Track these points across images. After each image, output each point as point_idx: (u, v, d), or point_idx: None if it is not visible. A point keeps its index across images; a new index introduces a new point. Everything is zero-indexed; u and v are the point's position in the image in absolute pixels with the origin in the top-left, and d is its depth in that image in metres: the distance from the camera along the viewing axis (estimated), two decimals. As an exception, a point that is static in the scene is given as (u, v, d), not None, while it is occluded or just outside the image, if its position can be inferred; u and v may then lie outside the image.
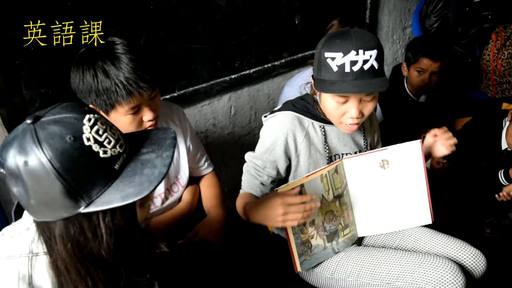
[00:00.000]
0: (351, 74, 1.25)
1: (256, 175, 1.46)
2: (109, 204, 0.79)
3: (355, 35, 1.27)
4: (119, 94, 1.19)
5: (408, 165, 1.47)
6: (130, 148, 0.88)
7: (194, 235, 1.47)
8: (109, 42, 1.23)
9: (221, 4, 1.99)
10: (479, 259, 1.49)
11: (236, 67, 2.16)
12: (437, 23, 2.91)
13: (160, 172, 0.83)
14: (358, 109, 1.32)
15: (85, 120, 0.80)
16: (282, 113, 1.44)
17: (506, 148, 2.24)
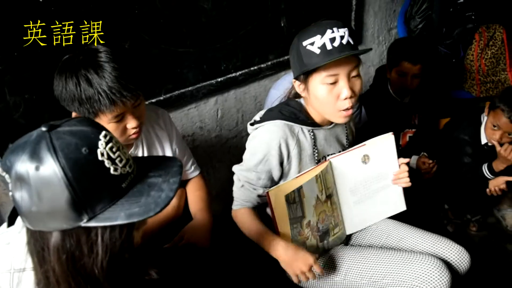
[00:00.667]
0: (334, 50, 1.29)
1: (251, 189, 1.48)
2: (112, 221, 0.80)
3: (324, 21, 1.34)
4: (102, 103, 1.19)
5: (384, 157, 1.52)
6: (138, 171, 0.89)
7: (180, 238, 1.47)
8: (93, 50, 1.22)
9: (206, 7, 1.99)
10: (463, 255, 1.52)
11: (222, 70, 2.16)
12: (421, 24, 2.94)
13: (167, 196, 0.84)
14: (349, 87, 1.34)
15: (101, 135, 0.82)
16: (272, 122, 1.44)
17: (486, 142, 2.27)
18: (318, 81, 1.35)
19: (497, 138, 2.16)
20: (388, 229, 1.63)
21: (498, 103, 2.14)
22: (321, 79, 1.34)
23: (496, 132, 2.17)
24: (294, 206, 1.38)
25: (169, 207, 1.54)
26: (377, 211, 1.61)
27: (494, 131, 2.18)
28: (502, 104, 2.11)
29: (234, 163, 2.39)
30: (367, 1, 2.88)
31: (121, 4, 1.72)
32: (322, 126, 1.50)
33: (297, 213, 1.40)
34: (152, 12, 1.82)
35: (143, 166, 0.91)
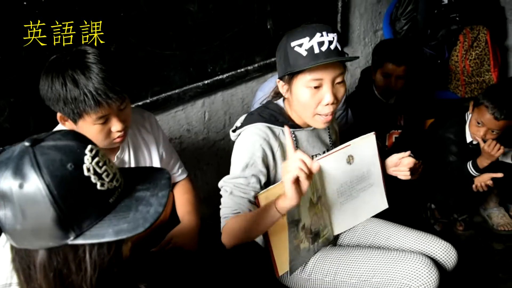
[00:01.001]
0: (321, 55, 1.29)
1: (242, 194, 1.39)
2: (100, 238, 0.77)
3: (315, 24, 1.34)
4: (87, 104, 1.18)
5: (367, 157, 1.54)
6: (125, 184, 0.86)
7: (167, 242, 1.46)
8: (81, 51, 1.22)
9: (193, 10, 1.99)
10: (450, 252, 1.54)
11: (209, 72, 2.16)
12: (406, 25, 2.97)
13: (156, 211, 0.82)
14: (333, 93, 1.34)
15: (87, 150, 0.79)
16: (253, 125, 1.44)
17: (471, 141, 2.30)
18: (302, 83, 1.35)
19: (481, 135, 2.17)
20: (376, 228, 1.65)
21: (482, 99, 2.16)
22: (305, 82, 1.34)
23: (480, 128, 2.19)
24: (292, 210, 1.38)
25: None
26: (362, 210, 1.62)
27: (478, 128, 2.20)
28: (486, 100, 2.13)
29: (222, 165, 2.41)
30: (353, 3, 2.90)
31: (107, 7, 1.71)
32: (303, 128, 1.50)
33: (294, 216, 1.39)
34: (138, 15, 1.81)
35: (131, 179, 0.88)
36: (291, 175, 1.11)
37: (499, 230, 2.54)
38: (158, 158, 1.52)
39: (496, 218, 2.57)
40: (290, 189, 1.13)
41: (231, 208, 1.39)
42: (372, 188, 1.60)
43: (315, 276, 1.52)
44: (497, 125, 2.13)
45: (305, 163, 1.11)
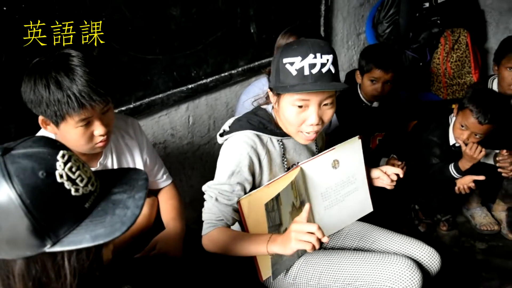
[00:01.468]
0: (310, 77, 1.28)
1: (226, 201, 1.40)
2: (77, 244, 0.76)
3: (311, 41, 1.32)
4: (70, 106, 1.17)
5: (352, 161, 1.54)
6: (101, 187, 0.85)
7: (152, 248, 1.45)
8: (65, 54, 1.21)
9: (175, 14, 1.98)
10: (433, 256, 1.55)
11: (193, 76, 2.15)
12: (389, 28, 3.00)
13: (133, 214, 0.81)
14: (318, 115, 1.34)
15: (58, 156, 0.78)
16: (241, 133, 1.43)
17: (454, 143, 2.32)
18: (288, 101, 1.34)
19: (464, 138, 2.19)
20: (361, 232, 1.66)
21: (467, 104, 2.16)
22: (292, 101, 1.33)
23: (464, 132, 2.20)
24: (273, 214, 1.37)
25: (140, 217, 1.51)
26: (347, 214, 1.63)
27: (462, 131, 2.21)
28: (471, 105, 2.13)
29: (207, 170, 2.40)
30: (335, 6, 2.93)
31: (88, 11, 1.69)
32: (290, 136, 1.50)
33: (275, 221, 1.39)
34: (121, 19, 1.80)
35: (107, 181, 0.87)
36: (300, 246, 1.19)
37: (481, 229, 2.57)
38: (142, 164, 1.51)
39: (479, 218, 2.61)
40: (292, 252, 1.23)
41: (215, 215, 1.39)
42: (357, 192, 1.61)
43: (299, 280, 1.52)
44: (481, 129, 2.13)
45: (318, 238, 1.17)
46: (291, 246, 1.21)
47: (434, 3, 3.13)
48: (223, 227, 1.39)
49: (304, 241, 1.18)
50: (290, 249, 1.22)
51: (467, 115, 2.16)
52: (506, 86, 2.37)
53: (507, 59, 2.33)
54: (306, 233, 1.18)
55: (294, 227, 1.21)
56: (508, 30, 3.21)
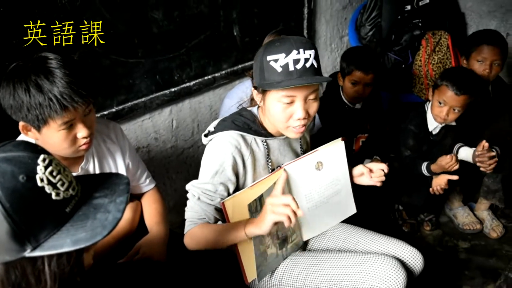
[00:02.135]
0: (295, 72, 1.30)
1: (209, 201, 1.40)
2: (58, 249, 0.76)
3: (293, 38, 1.34)
4: (52, 109, 1.16)
5: (336, 163, 1.55)
6: (82, 192, 0.85)
7: (135, 252, 1.44)
8: (42, 57, 1.20)
9: (157, 17, 1.98)
10: (416, 257, 1.57)
11: (176, 80, 2.15)
12: (371, 31, 3.02)
13: (114, 218, 0.81)
14: (304, 110, 1.35)
15: (39, 160, 0.78)
16: (225, 132, 1.43)
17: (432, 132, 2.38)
18: (274, 98, 1.35)
19: (444, 115, 2.25)
20: (345, 233, 1.67)
21: (441, 81, 2.26)
22: (278, 98, 1.34)
23: (442, 108, 2.26)
24: (256, 215, 1.38)
25: (123, 221, 1.51)
26: (331, 216, 1.64)
27: (440, 108, 2.27)
28: (445, 80, 2.23)
29: (191, 173, 2.39)
30: (318, 9, 2.94)
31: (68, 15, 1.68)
32: (275, 136, 1.51)
33: None
34: (101, 23, 1.78)
35: (88, 186, 0.87)
36: (275, 218, 1.21)
37: (464, 229, 2.61)
38: (124, 168, 1.50)
39: (461, 217, 2.64)
40: (268, 226, 1.23)
41: (197, 214, 1.41)
42: (341, 193, 1.61)
43: (285, 281, 1.52)
44: (458, 101, 2.21)
45: (293, 210, 1.19)
46: (266, 219, 1.23)
47: (416, 6, 3.16)
48: (203, 223, 1.41)
49: (280, 213, 1.20)
50: (267, 223, 1.23)
51: (443, 91, 2.24)
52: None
53: (477, 51, 2.40)
54: (282, 205, 1.20)
55: (270, 200, 1.24)
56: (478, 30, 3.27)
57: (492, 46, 2.35)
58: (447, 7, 3.29)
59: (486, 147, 2.23)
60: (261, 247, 1.43)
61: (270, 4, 2.49)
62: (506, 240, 2.54)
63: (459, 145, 2.42)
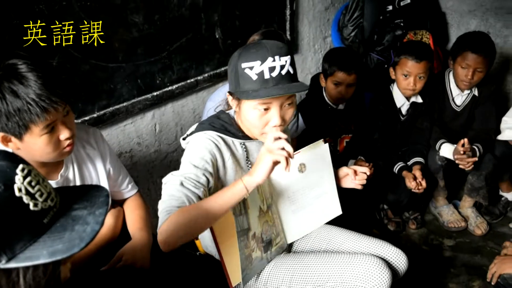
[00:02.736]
0: (271, 80, 1.28)
1: (193, 188, 1.28)
2: (33, 260, 0.74)
3: (269, 44, 1.32)
4: (32, 112, 1.14)
5: (319, 164, 1.55)
6: (61, 203, 0.84)
7: (118, 260, 1.42)
8: (11, 64, 1.16)
9: (137, 21, 1.95)
10: (400, 257, 1.57)
11: (158, 84, 2.12)
12: (354, 32, 3.03)
13: (93, 229, 0.80)
14: (280, 117, 1.34)
15: (18, 169, 0.77)
16: (204, 132, 1.42)
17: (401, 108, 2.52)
18: (250, 106, 1.34)
19: (411, 85, 2.38)
20: (330, 235, 1.66)
21: (399, 56, 2.42)
22: (253, 105, 1.33)
23: (408, 79, 2.39)
24: (241, 218, 1.37)
25: (105, 228, 1.48)
26: (316, 217, 1.64)
27: (406, 79, 2.40)
28: (403, 54, 2.40)
29: (175, 177, 2.36)
30: (301, 11, 2.94)
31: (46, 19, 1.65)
32: (254, 139, 1.50)
33: (243, 225, 1.39)
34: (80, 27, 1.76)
35: (67, 197, 0.87)
36: (274, 157, 1.20)
37: (449, 227, 2.63)
38: (105, 174, 1.48)
39: (446, 215, 2.66)
40: (267, 169, 1.21)
41: (178, 201, 1.25)
42: (326, 195, 1.61)
43: (270, 285, 1.52)
44: (421, 68, 2.36)
45: (288, 152, 1.20)
46: (264, 160, 1.21)
47: (397, 6, 3.18)
48: (181, 208, 1.24)
49: (278, 154, 1.20)
50: (266, 165, 1.21)
51: (404, 63, 2.39)
52: (459, 81, 2.50)
53: (462, 57, 2.41)
54: (279, 148, 1.20)
55: (266, 144, 1.23)
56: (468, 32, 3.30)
57: (476, 54, 2.36)
58: (428, 6, 3.31)
59: (466, 143, 2.26)
60: (246, 251, 1.42)
61: (252, 6, 2.48)
62: (490, 236, 2.57)
63: (441, 141, 2.45)
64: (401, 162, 2.44)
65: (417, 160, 2.49)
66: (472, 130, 2.59)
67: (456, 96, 2.59)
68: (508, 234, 2.58)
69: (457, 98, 2.59)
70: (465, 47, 2.39)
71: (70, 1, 1.70)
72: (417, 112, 2.56)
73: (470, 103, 2.58)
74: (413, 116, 2.56)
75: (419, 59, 2.35)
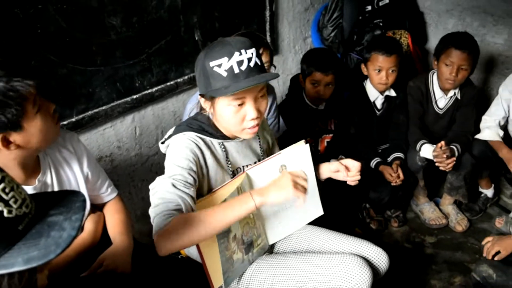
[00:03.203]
0: (241, 74, 1.29)
1: (185, 188, 1.30)
2: (8, 268, 0.73)
3: (232, 40, 1.33)
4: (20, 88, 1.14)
5: (300, 165, 1.55)
6: (37, 209, 0.83)
7: (99, 265, 1.40)
8: None
9: (115, 24, 1.94)
10: (381, 256, 1.58)
11: (137, 86, 2.11)
12: (333, 32, 3.05)
13: (69, 235, 0.79)
14: (256, 108, 1.35)
15: None
16: (182, 133, 1.42)
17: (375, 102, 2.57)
18: (224, 103, 1.34)
19: (384, 79, 2.44)
20: (311, 235, 1.67)
21: (370, 52, 2.48)
22: (228, 102, 1.33)
23: (381, 74, 2.45)
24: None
25: (85, 233, 1.47)
26: (297, 218, 1.64)
27: (379, 74, 2.46)
28: (373, 50, 2.46)
29: (157, 180, 2.35)
30: (280, 12, 2.95)
31: (21, 23, 1.63)
32: (232, 139, 1.50)
33: None
34: (57, 31, 1.74)
35: (43, 203, 0.85)
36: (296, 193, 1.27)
37: (430, 224, 2.66)
38: (83, 178, 1.46)
39: (427, 213, 2.69)
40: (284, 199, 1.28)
41: (173, 203, 1.26)
42: (307, 196, 1.61)
43: (252, 286, 1.52)
44: (391, 62, 2.42)
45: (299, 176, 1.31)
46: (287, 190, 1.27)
47: (376, 6, 3.21)
48: (180, 215, 1.25)
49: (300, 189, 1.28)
50: (286, 194, 1.27)
51: (375, 59, 2.45)
52: (444, 80, 2.49)
53: (445, 55, 2.43)
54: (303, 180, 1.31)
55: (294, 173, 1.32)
56: (446, 31, 3.32)
57: (460, 51, 2.37)
58: (407, 6, 3.35)
59: (443, 146, 2.30)
60: (226, 253, 1.41)
61: (231, 8, 2.48)
62: (470, 233, 2.61)
63: (422, 142, 2.47)
64: (377, 158, 2.48)
65: (397, 156, 2.54)
66: (451, 131, 2.62)
67: (439, 99, 2.60)
68: (488, 230, 2.62)
69: (440, 101, 2.61)
70: (448, 44, 2.41)
71: (45, 4, 1.68)
72: (392, 106, 2.61)
73: (452, 107, 2.60)
74: (389, 111, 2.61)
75: (389, 53, 2.40)
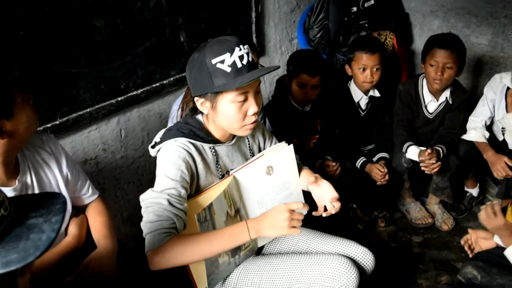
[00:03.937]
0: (244, 68, 1.31)
1: (179, 205, 1.32)
2: None
3: (228, 37, 1.35)
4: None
5: (285, 167, 1.56)
6: (16, 212, 0.82)
7: (84, 269, 1.39)
8: None
9: (99, 25, 1.92)
10: (367, 256, 1.59)
11: (122, 88, 2.09)
12: (319, 33, 3.06)
13: (48, 237, 0.78)
14: (257, 103, 1.37)
15: None
16: (173, 139, 1.41)
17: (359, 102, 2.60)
18: (228, 99, 1.34)
19: (369, 77, 2.46)
20: (297, 236, 1.67)
21: (353, 52, 2.50)
22: (232, 98, 1.34)
23: (366, 72, 2.47)
24: (206, 225, 1.35)
25: (69, 237, 1.45)
26: None
27: (364, 73, 2.48)
28: (356, 50, 2.48)
29: (144, 183, 2.34)
30: (266, 13, 2.95)
31: (3, 25, 1.61)
32: (223, 143, 1.50)
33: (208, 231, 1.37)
34: (40, 33, 1.72)
35: (23, 206, 0.84)
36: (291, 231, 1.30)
37: (417, 223, 2.68)
38: (62, 179, 1.45)
39: (414, 212, 2.71)
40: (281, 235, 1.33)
41: (168, 222, 1.30)
42: (292, 196, 1.61)
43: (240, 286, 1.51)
44: (375, 60, 2.45)
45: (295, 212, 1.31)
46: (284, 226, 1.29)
47: (361, 8, 3.22)
48: (177, 236, 1.31)
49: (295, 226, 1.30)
50: (282, 229, 1.30)
51: (359, 58, 2.48)
52: (431, 81, 2.49)
53: (429, 56, 2.45)
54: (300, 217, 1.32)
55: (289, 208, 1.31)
56: (431, 32, 3.36)
57: (443, 49, 2.38)
58: (392, 7, 3.37)
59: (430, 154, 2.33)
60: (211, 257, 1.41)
61: (217, 9, 2.47)
62: (456, 232, 2.63)
63: (408, 143, 2.49)
64: (363, 157, 2.50)
65: (382, 156, 2.56)
66: (437, 132, 2.63)
67: (429, 103, 2.61)
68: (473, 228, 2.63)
69: (430, 105, 2.61)
70: (432, 45, 2.44)
71: (28, 6, 1.66)
72: (376, 107, 2.63)
73: (443, 111, 2.61)
74: (373, 111, 2.64)
75: (373, 52, 2.43)
